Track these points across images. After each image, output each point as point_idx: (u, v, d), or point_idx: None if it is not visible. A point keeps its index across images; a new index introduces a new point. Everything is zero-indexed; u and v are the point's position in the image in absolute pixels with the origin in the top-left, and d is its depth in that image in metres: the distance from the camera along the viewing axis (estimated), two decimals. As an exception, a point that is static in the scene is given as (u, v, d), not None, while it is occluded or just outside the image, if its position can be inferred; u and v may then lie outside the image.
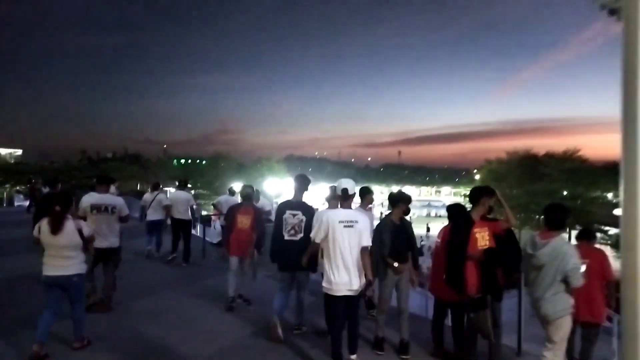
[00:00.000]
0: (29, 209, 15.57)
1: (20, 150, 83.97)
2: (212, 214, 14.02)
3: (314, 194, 5.94)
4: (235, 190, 9.54)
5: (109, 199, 5.53)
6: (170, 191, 13.49)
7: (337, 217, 4.02)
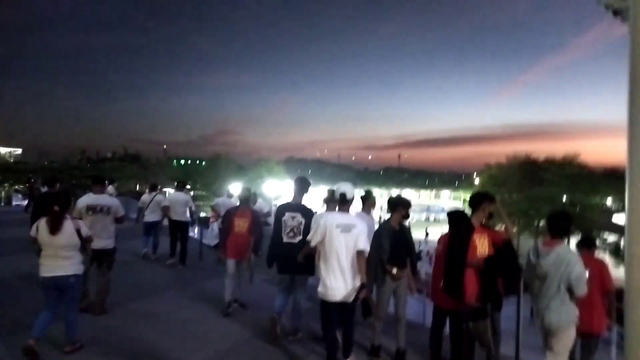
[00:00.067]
0: (26, 208, 15.53)
1: (20, 149, 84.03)
2: (210, 215, 13.97)
3: (313, 196, 5.89)
4: (233, 193, 9.50)
5: (105, 199, 5.48)
6: (170, 192, 13.43)
7: (335, 221, 3.98)
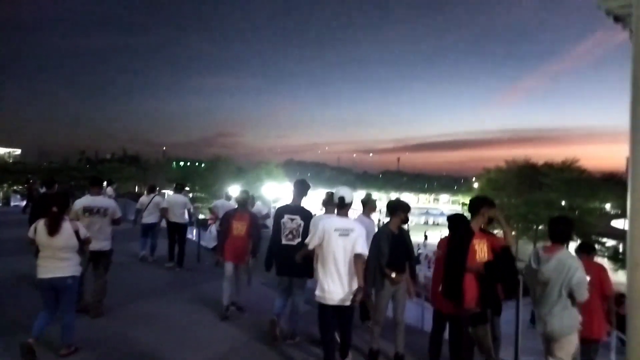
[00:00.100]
0: (25, 209, 15.44)
1: (19, 150, 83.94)
2: (208, 217, 13.94)
3: (312, 199, 5.88)
4: (232, 195, 9.46)
5: (102, 201, 5.45)
6: (169, 194, 13.42)
7: (333, 225, 3.97)
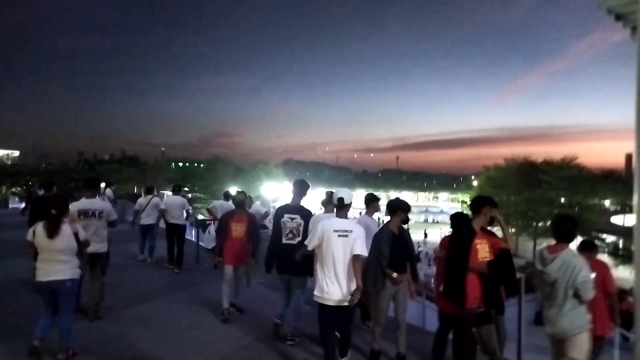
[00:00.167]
0: (24, 211, 15.34)
1: (18, 152, 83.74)
2: (207, 218, 13.90)
3: (312, 198, 5.84)
4: (231, 195, 9.41)
5: (97, 203, 5.38)
6: (167, 194, 13.37)
7: (332, 226, 3.93)
